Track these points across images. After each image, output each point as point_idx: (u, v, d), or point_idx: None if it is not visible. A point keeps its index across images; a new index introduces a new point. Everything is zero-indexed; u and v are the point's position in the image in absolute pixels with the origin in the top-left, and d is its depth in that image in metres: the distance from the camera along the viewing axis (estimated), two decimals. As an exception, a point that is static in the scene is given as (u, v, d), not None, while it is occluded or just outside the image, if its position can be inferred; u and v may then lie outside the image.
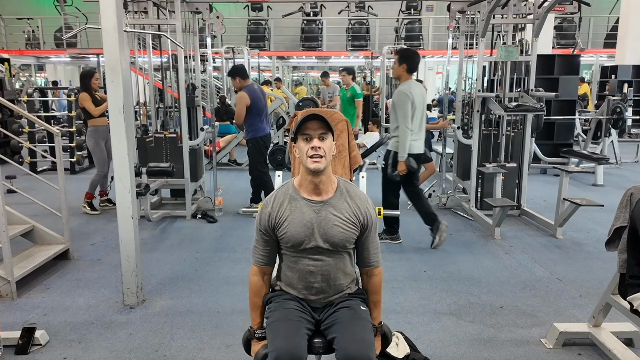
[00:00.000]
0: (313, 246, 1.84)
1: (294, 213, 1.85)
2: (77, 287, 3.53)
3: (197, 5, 5.37)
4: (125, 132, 3.02)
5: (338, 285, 1.92)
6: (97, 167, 5.50)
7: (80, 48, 14.34)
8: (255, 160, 5.30)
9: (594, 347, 2.68)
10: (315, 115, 1.83)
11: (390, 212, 4.19)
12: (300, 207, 1.86)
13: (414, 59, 4.24)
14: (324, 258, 1.86)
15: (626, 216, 2.25)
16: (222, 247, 4.44)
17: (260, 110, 5.21)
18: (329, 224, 1.83)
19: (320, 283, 1.88)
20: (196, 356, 2.65)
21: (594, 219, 5.15)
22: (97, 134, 5.39)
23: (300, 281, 1.90)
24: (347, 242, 1.87)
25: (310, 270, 1.87)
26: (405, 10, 14.52)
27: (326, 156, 1.81)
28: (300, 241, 1.84)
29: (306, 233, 1.83)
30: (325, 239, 1.84)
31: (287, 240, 1.85)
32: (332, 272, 1.88)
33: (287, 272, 1.93)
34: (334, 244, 1.85)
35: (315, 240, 1.84)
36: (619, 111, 7.34)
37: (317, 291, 1.90)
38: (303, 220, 1.84)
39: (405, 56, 4.22)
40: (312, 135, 1.82)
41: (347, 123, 3.26)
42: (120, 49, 2.95)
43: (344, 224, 1.85)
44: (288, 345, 1.73)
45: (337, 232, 1.84)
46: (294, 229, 1.83)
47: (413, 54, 4.30)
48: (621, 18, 12.03)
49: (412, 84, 4.21)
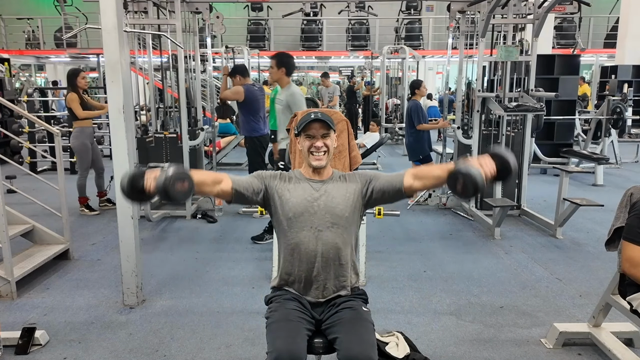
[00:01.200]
0: (314, 219, 1.89)
1: (297, 187, 1.96)
2: (77, 287, 3.53)
3: (197, 5, 5.37)
4: (125, 132, 3.02)
5: (339, 267, 1.92)
6: (80, 169, 5.42)
7: (80, 48, 14.34)
8: (253, 160, 5.28)
9: (594, 347, 2.67)
10: (317, 117, 1.94)
11: (390, 212, 4.19)
12: (302, 184, 1.97)
13: (291, 61, 4.29)
14: (325, 234, 1.89)
15: (626, 216, 2.25)
16: (222, 247, 4.44)
17: (256, 110, 5.15)
18: (329, 196, 1.93)
19: (321, 263, 1.89)
20: (196, 356, 2.64)
21: (594, 219, 5.15)
22: (83, 135, 5.31)
23: (301, 263, 1.91)
24: (347, 211, 1.92)
25: (310, 248, 1.89)
26: (405, 10, 14.52)
27: (328, 152, 1.96)
28: (301, 212, 1.90)
29: (306, 205, 1.91)
30: (326, 210, 1.90)
31: (288, 209, 1.90)
32: (332, 250, 1.90)
33: (287, 257, 1.94)
34: (335, 213, 1.90)
35: (315, 213, 1.90)
36: (619, 111, 7.34)
37: (317, 272, 1.90)
38: (304, 194, 1.94)
39: (282, 60, 4.24)
40: (315, 135, 1.94)
41: (347, 123, 3.27)
42: (120, 49, 2.95)
43: (343, 194, 1.94)
44: (288, 346, 1.72)
45: (337, 203, 1.92)
46: (296, 200, 1.92)
47: (289, 57, 4.34)
48: (621, 18, 12.03)
49: (294, 86, 4.32)
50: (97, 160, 5.51)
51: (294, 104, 4.16)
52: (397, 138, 11.33)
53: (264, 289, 2.12)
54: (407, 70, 11.05)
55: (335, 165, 3.06)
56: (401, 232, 4.84)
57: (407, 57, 10.74)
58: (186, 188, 1.68)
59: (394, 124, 10.94)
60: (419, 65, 13.50)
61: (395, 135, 11.24)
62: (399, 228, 4.94)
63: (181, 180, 1.66)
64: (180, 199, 1.68)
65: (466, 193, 1.72)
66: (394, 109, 11.40)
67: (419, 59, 12.16)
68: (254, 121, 5.13)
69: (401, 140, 10.79)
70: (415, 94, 5.83)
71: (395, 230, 4.87)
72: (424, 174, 1.93)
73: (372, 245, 4.23)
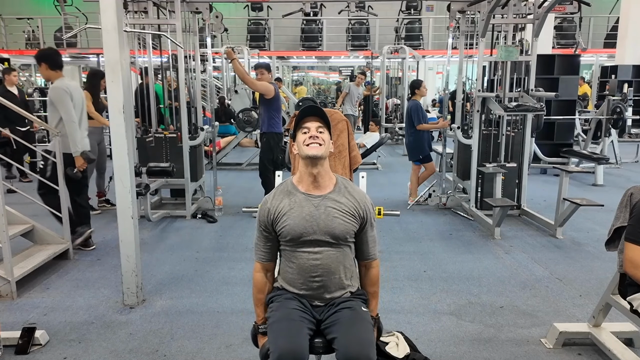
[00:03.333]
0: (313, 239, 1.86)
1: (293, 207, 1.87)
2: (77, 287, 3.53)
3: (197, 5, 5.37)
4: (125, 132, 3.02)
5: (338, 280, 1.91)
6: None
7: (80, 48, 14.33)
8: (264, 156, 5.31)
9: (594, 347, 2.67)
10: (313, 110, 1.90)
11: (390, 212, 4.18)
12: (299, 202, 1.88)
13: (52, 55, 4.13)
14: (324, 251, 1.87)
15: (626, 216, 2.25)
16: (222, 247, 4.44)
17: (280, 108, 5.38)
18: (329, 216, 1.86)
19: (321, 277, 1.88)
20: (196, 356, 2.65)
21: (594, 219, 5.15)
22: (89, 135, 5.33)
23: (301, 276, 1.90)
24: (347, 234, 1.88)
25: (310, 264, 1.87)
26: (405, 10, 14.51)
27: (324, 144, 1.86)
28: (299, 234, 1.85)
29: (305, 226, 1.85)
30: (326, 231, 1.85)
31: (286, 233, 1.86)
32: (332, 266, 1.88)
33: (287, 268, 1.94)
34: (335, 236, 1.86)
35: (315, 233, 1.85)
36: (619, 111, 7.34)
37: (318, 286, 1.90)
38: (302, 214, 1.86)
39: (41, 57, 4.09)
40: (310, 127, 1.89)
41: (347, 123, 3.27)
42: (120, 49, 2.95)
43: (344, 216, 1.87)
44: (291, 345, 1.72)
45: (337, 224, 1.86)
46: (293, 222, 1.85)
47: (49, 52, 4.20)
48: (621, 18, 12.02)
49: (66, 80, 4.13)
50: (101, 161, 5.51)
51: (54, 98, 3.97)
52: (397, 138, 11.34)
53: (264, 288, 2.12)
54: (407, 70, 11.05)
55: (335, 166, 3.05)
56: (401, 232, 4.84)
57: (407, 57, 10.74)
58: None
59: (394, 124, 10.94)
60: (419, 65, 13.48)
61: (395, 135, 11.24)
62: (399, 228, 4.94)
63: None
64: None
65: None
66: (394, 109, 11.40)
67: (419, 59, 12.15)
68: (277, 117, 5.29)
69: (401, 140, 10.79)
70: (415, 94, 5.84)
71: (395, 230, 4.87)
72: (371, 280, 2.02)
73: (372, 245, 4.22)
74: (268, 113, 5.25)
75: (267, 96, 5.19)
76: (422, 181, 6.06)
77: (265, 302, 1.96)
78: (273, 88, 5.19)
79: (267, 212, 1.90)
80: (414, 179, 5.92)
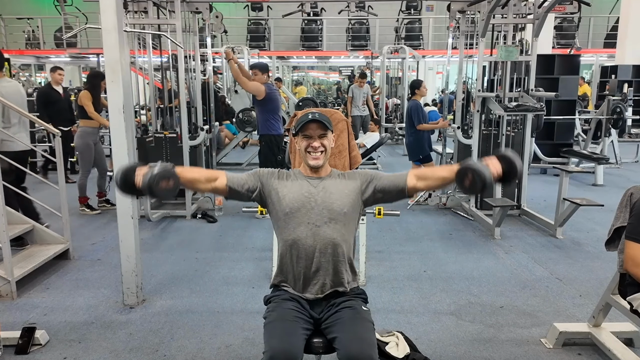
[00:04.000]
0: (311, 215, 1.90)
1: (294, 183, 1.98)
2: (77, 287, 3.54)
3: (197, 5, 5.37)
4: (125, 132, 3.02)
5: (337, 262, 1.92)
6: (82, 168, 5.43)
7: (80, 48, 14.33)
8: (266, 159, 5.28)
9: (594, 347, 2.67)
10: (315, 118, 1.95)
11: (390, 212, 4.20)
12: (299, 181, 1.99)
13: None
14: (322, 230, 1.90)
15: (626, 216, 2.25)
16: (222, 247, 4.44)
17: (276, 109, 5.29)
18: (327, 192, 1.95)
19: (319, 258, 1.90)
20: (196, 356, 2.64)
21: (594, 219, 5.15)
22: (87, 135, 5.35)
23: (299, 260, 1.91)
24: (345, 207, 1.93)
25: (308, 243, 1.89)
26: (405, 10, 14.52)
27: (326, 152, 1.97)
28: (297, 207, 1.91)
29: (304, 201, 1.92)
30: (324, 206, 1.91)
31: (285, 204, 1.91)
32: (329, 245, 1.90)
33: (286, 254, 1.94)
34: (333, 209, 1.91)
35: (313, 209, 1.91)
36: (619, 111, 7.33)
37: (316, 267, 1.91)
38: (302, 190, 1.95)
39: None
40: (312, 136, 1.96)
41: (347, 123, 3.28)
42: (120, 49, 2.95)
43: (342, 191, 1.96)
44: (283, 345, 1.73)
45: (335, 199, 1.93)
46: (293, 196, 1.94)
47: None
48: (621, 18, 12.02)
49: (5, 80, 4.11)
50: (100, 160, 5.52)
51: None
52: (397, 138, 11.34)
53: (264, 289, 2.12)
54: (407, 70, 11.05)
55: (335, 165, 3.06)
56: (401, 232, 4.84)
57: (407, 57, 10.74)
58: (171, 186, 1.75)
59: (394, 124, 10.95)
60: (419, 65, 13.48)
61: (395, 135, 11.24)
62: (399, 228, 4.94)
63: (166, 179, 1.73)
64: (164, 196, 1.78)
65: (473, 188, 1.77)
66: (394, 109, 11.40)
67: (419, 59, 12.15)
68: (273, 119, 5.23)
69: (401, 140, 10.79)
70: (415, 94, 5.84)
71: (395, 230, 4.87)
72: (428, 174, 1.96)
73: (372, 245, 4.23)
74: (262, 115, 5.22)
75: (258, 97, 5.15)
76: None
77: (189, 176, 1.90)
78: (264, 89, 5.11)
79: (271, 175, 2.00)
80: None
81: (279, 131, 5.30)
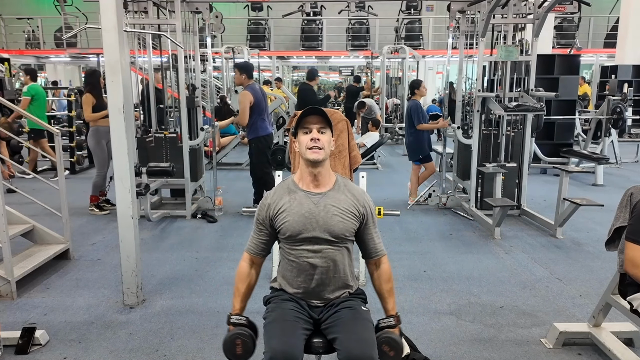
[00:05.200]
0: (312, 237, 1.86)
1: (293, 204, 1.89)
2: (77, 287, 3.54)
3: (197, 5, 5.37)
4: (125, 132, 3.02)
5: (337, 279, 1.92)
6: (97, 167, 5.49)
7: (80, 48, 14.34)
8: (258, 161, 5.27)
9: (594, 347, 2.68)
10: (315, 110, 1.90)
11: (390, 212, 4.19)
12: (299, 199, 1.90)
13: None
14: (323, 249, 1.87)
15: (626, 216, 2.25)
16: (222, 247, 4.44)
17: (262, 110, 5.23)
18: (329, 213, 1.87)
19: (319, 276, 1.89)
20: (196, 356, 2.65)
21: (594, 219, 5.15)
22: (98, 134, 5.39)
23: (300, 275, 1.91)
24: (346, 232, 1.89)
25: (309, 263, 1.88)
26: (405, 10, 14.52)
27: (325, 148, 1.88)
28: (299, 231, 1.86)
29: (304, 223, 1.86)
30: (325, 228, 1.86)
31: (285, 230, 1.87)
32: (331, 265, 1.89)
33: (287, 266, 1.94)
34: (334, 234, 1.87)
35: (314, 230, 1.86)
36: (619, 111, 7.33)
37: (316, 284, 1.90)
38: (302, 211, 1.87)
39: None
40: (312, 129, 1.89)
41: (347, 123, 3.27)
42: (120, 49, 2.95)
43: (343, 214, 1.88)
44: (283, 346, 1.73)
45: (336, 222, 1.87)
46: (293, 219, 1.86)
47: None
48: (621, 18, 12.02)
49: None
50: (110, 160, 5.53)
51: None
52: (397, 138, 11.34)
53: (264, 288, 2.12)
54: (407, 70, 11.05)
55: (335, 166, 3.05)
56: (401, 232, 4.84)
57: (407, 57, 10.74)
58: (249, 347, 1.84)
59: (394, 124, 10.95)
60: (419, 65, 13.49)
61: (395, 135, 11.25)
62: (399, 228, 4.94)
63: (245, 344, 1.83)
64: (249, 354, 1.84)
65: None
66: (394, 109, 11.40)
67: (419, 59, 12.15)
68: (259, 120, 5.21)
69: (401, 140, 10.79)
70: (415, 94, 5.84)
71: (395, 230, 4.87)
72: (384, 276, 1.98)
73: (372, 245, 4.22)
74: (250, 119, 5.17)
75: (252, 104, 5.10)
76: (422, 181, 6.06)
77: (244, 293, 1.95)
78: (249, 95, 5.06)
79: (267, 208, 1.93)
80: (414, 179, 5.92)
81: (267, 131, 5.27)
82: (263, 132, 5.22)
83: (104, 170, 5.46)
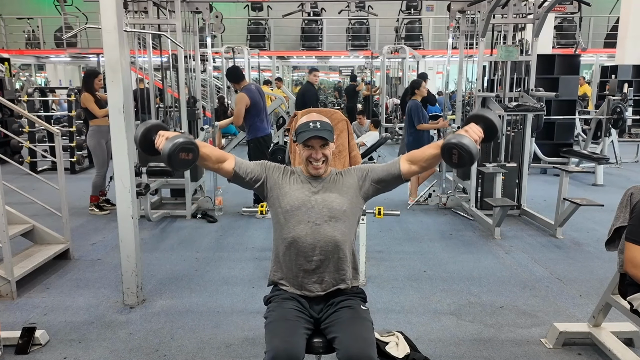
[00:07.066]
0: (311, 211, 1.91)
1: (296, 182, 1.99)
2: (77, 287, 3.53)
3: (197, 5, 5.37)
4: (125, 132, 3.02)
5: (337, 261, 1.92)
6: (97, 167, 5.48)
7: (80, 48, 14.34)
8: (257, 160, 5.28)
9: (594, 347, 2.67)
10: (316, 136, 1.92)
11: (390, 212, 4.20)
12: (301, 182, 2.00)
13: None
14: (322, 224, 1.90)
15: (626, 216, 2.25)
16: (222, 247, 4.44)
17: (260, 111, 5.22)
18: (326, 191, 1.96)
19: (319, 256, 1.90)
20: (196, 356, 2.65)
21: (594, 219, 5.15)
22: (99, 134, 5.38)
23: (298, 257, 1.91)
24: (344, 205, 1.93)
25: (308, 242, 1.89)
26: (405, 10, 14.52)
27: (327, 160, 1.97)
28: (298, 205, 1.92)
29: (304, 200, 1.93)
30: (323, 204, 1.92)
31: (286, 202, 1.93)
32: (330, 243, 1.90)
33: (285, 251, 1.94)
34: (333, 209, 1.92)
35: (313, 207, 1.92)
36: (619, 111, 7.33)
37: (316, 266, 1.91)
38: (302, 189, 1.97)
39: None
40: (314, 146, 1.94)
41: (347, 123, 3.28)
42: (120, 49, 2.95)
43: (340, 189, 1.97)
44: (285, 345, 1.73)
45: (334, 197, 1.94)
46: (293, 194, 1.95)
47: None
48: (621, 18, 12.02)
49: None
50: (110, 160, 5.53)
51: None
52: (397, 138, 11.34)
53: (264, 288, 2.12)
54: (407, 70, 11.05)
55: (335, 165, 3.06)
56: (401, 232, 4.84)
57: (407, 57, 10.75)
58: (189, 159, 1.77)
59: (394, 124, 10.96)
60: (419, 65, 13.50)
61: (396, 135, 11.25)
62: (398, 228, 4.94)
63: (186, 152, 1.75)
64: (180, 168, 1.79)
65: (463, 163, 1.79)
66: (394, 109, 11.41)
67: (419, 59, 12.16)
68: (258, 121, 5.22)
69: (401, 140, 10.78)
70: (415, 94, 5.83)
71: (395, 230, 4.87)
72: (417, 156, 1.97)
73: (372, 245, 4.23)
74: (247, 121, 5.19)
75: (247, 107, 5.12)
76: (422, 181, 6.06)
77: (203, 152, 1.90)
78: (245, 97, 5.08)
79: (279, 169, 2.02)
80: (414, 179, 5.92)
81: (265, 132, 5.29)
82: (261, 133, 5.23)
83: (104, 170, 5.46)
